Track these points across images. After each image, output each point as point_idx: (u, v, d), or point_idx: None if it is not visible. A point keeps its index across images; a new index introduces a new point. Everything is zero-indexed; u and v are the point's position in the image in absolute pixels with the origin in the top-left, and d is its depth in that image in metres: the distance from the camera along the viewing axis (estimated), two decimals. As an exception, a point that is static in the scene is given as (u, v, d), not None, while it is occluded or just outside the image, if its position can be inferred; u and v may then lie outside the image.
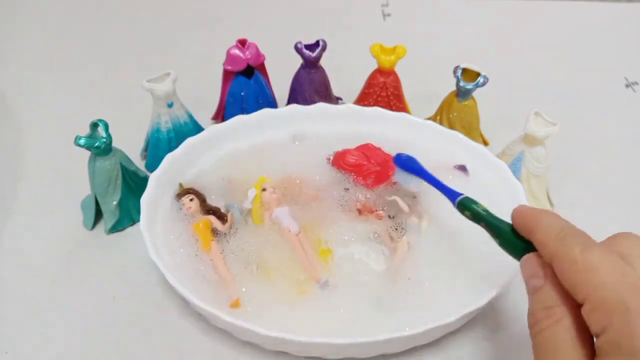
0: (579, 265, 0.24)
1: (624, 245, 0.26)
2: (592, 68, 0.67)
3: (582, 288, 0.24)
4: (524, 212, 0.29)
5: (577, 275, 0.24)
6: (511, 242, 0.30)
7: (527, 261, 0.28)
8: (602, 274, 0.23)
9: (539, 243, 0.27)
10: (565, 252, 0.25)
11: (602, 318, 0.23)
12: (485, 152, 0.45)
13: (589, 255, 0.24)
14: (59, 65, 0.65)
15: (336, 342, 0.32)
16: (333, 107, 0.49)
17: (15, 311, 0.40)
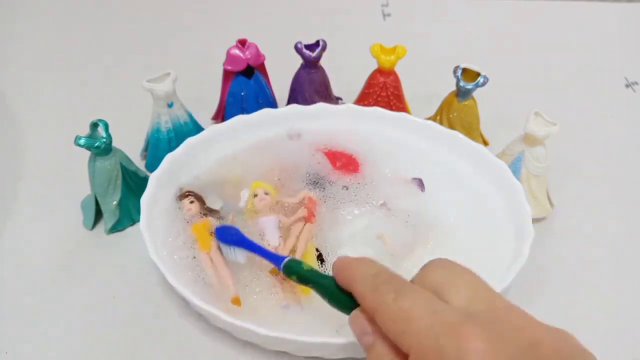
0: (395, 315, 0.24)
1: (434, 275, 0.26)
2: (592, 68, 0.66)
3: (403, 339, 0.23)
4: (341, 263, 0.29)
5: (396, 326, 0.24)
6: (338, 298, 0.29)
7: (353, 319, 0.27)
8: (417, 320, 0.23)
9: (358, 296, 0.27)
10: (380, 302, 0.25)
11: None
12: (485, 152, 0.45)
13: (402, 302, 0.24)
14: (59, 65, 0.65)
15: (336, 342, 0.32)
16: (333, 107, 0.49)
17: (15, 311, 0.40)
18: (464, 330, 0.22)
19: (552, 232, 0.46)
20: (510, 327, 0.23)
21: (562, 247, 0.45)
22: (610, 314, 0.40)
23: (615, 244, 0.45)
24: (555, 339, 0.23)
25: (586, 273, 0.43)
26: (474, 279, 0.26)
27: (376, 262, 0.28)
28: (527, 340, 0.22)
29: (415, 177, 0.44)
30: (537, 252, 0.38)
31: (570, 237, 0.46)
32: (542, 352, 0.22)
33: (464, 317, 0.23)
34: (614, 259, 0.44)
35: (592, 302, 0.41)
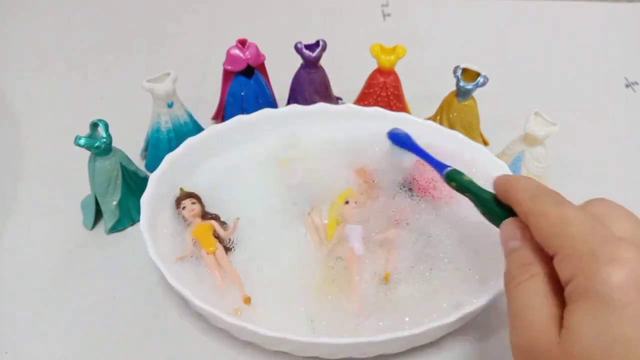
0: (551, 219, 0.25)
1: (596, 206, 0.27)
2: (592, 68, 0.67)
3: (554, 240, 0.25)
4: (503, 178, 0.30)
5: (550, 229, 0.25)
6: (493, 209, 0.31)
7: (505, 225, 0.29)
8: (573, 227, 0.24)
9: (515, 202, 0.28)
10: (539, 208, 0.26)
11: (570, 266, 0.23)
12: (485, 152, 0.45)
13: (561, 210, 0.25)
14: (59, 65, 0.65)
15: (336, 342, 0.32)
16: (333, 107, 0.49)
17: (15, 311, 0.40)
18: (620, 244, 0.23)
19: (552, 232, 0.46)
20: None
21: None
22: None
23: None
24: None
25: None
26: (633, 217, 0.26)
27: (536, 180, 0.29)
28: None
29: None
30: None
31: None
32: None
33: (623, 239, 0.23)
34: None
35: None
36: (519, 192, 0.28)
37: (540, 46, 0.70)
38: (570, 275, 0.23)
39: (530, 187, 0.28)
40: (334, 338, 0.33)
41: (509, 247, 0.28)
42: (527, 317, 0.24)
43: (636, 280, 0.21)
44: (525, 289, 0.25)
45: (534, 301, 0.24)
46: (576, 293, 0.23)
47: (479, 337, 0.38)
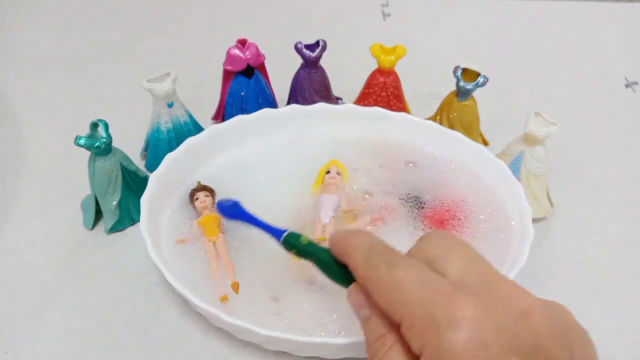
0: (387, 285, 0.24)
1: (430, 247, 0.26)
2: (592, 68, 0.67)
3: (395, 308, 0.23)
4: (336, 236, 0.29)
5: (388, 296, 0.24)
6: (335, 272, 0.29)
7: (351, 292, 0.27)
8: (409, 289, 0.23)
9: (352, 268, 0.27)
10: (373, 274, 0.25)
11: (417, 337, 0.22)
12: (485, 152, 0.45)
13: (394, 272, 0.24)
14: (59, 65, 0.65)
15: (336, 342, 0.32)
16: (333, 107, 0.49)
17: (15, 311, 0.40)
18: (455, 299, 0.22)
19: (552, 232, 0.46)
20: (502, 296, 0.23)
21: (562, 247, 0.45)
22: (611, 314, 0.40)
23: (615, 244, 0.45)
24: (548, 310, 0.23)
25: (586, 273, 0.43)
26: (468, 251, 0.26)
27: (372, 234, 0.28)
28: (519, 309, 0.22)
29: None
30: (537, 252, 0.37)
31: (570, 237, 0.46)
32: (533, 321, 0.22)
33: (456, 287, 0.23)
34: (614, 259, 0.44)
35: (592, 301, 0.41)
36: (352, 254, 0.27)
37: (541, 46, 0.70)
38: (419, 347, 0.22)
39: (363, 250, 0.26)
40: (334, 338, 0.33)
41: (361, 316, 0.26)
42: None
43: (478, 338, 0.21)
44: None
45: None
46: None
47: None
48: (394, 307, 0.24)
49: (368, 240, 0.27)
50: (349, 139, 0.48)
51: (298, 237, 0.32)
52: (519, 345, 0.21)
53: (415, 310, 0.23)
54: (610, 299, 0.41)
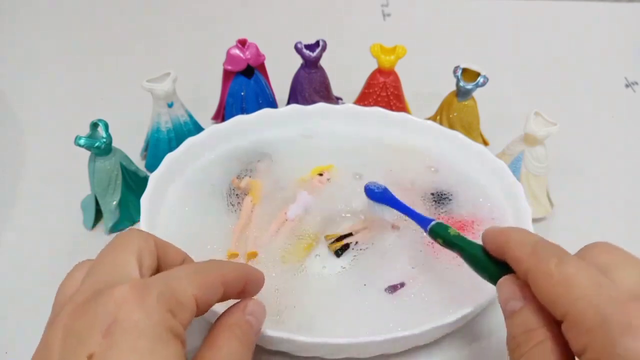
0: (555, 279, 0.23)
1: (599, 255, 0.25)
2: (592, 68, 0.67)
3: (560, 303, 0.23)
4: (494, 231, 0.28)
5: (554, 289, 0.23)
6: (485, 265, 0.29)
7: (503, 283, 0.27)
8: (580, 287, 0.22)
9: (512, 260, 0.26)
10: (540, 266, 0.24)
11: (582, 336, 0.22)
12: (485, 152, 0.45)
13: (565, 267, 0.23)
14: (59, 65, 0.65)
15: (336, 342, 0.32)
16: (333, 107, 0.49)
17: (15, 311, 0.40)
18: (631, 306, 0.21)
19: (552, 232, 0.46)
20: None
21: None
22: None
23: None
24: None
25: (586, 273, 0.43)
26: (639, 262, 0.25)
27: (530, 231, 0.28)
28: None
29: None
30: (537, 252, 0.37)
31: (570, 237, 0.45)
32: None
33: (633, 296, 0.22)
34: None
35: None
36: (515, 247, 0.26)
37: (540, 46, 0.70)
38: (582, 347, 0.22)
39: (528, 242, 0.26)
40: (334, 338, 0.32)
41: (509, 308, 0.26)
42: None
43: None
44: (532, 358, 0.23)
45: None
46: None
47: (479, 337, 0.38)
48: (559, 302, 0.23)
49: (531, 235, 0.27)
50: (349, 140, 0.48)
51: (447, 228, 0.32)
52: None
53: (585, 308, 0.22)
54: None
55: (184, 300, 0.24)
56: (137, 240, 0.27)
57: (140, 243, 0.27)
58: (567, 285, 0.23)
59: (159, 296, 0.23)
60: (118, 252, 0.26)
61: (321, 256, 0.40)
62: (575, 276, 0.23)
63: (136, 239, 0.27)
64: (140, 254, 0.26)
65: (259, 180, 0.44)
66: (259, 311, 0.30)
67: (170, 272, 0.26)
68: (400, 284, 0.37)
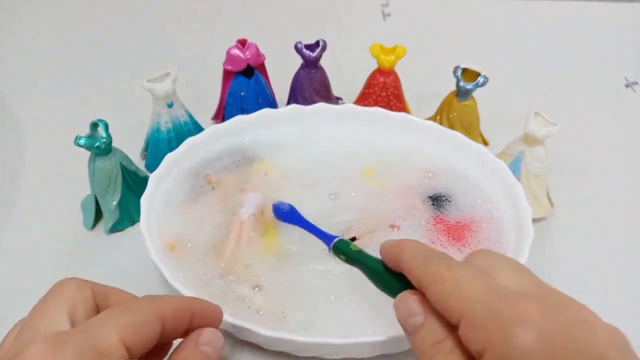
0: (447, 283, 0.24)
1: (480, 260, 0.26)
2: (592, 68, 0.67)
3: (455, 306, 0.23)
4: (388, 243, 0.29)
5: (447, 294, 0.24)
6: (384, 279, 0.29)
7: (401, 300, 0.27)
8: (470, 288, 0.23)
9: (407, 270, 0.27)
10: (432, 272, 0.25)
11: (479, 335, 0.22)
12: (485, 152, 0.45)
13: (454, 271, 0.24)
14: (59, 65, 0.65)
15: (336, 342, 0.32)
16: (333, 107, 0.49)
17: (15, 311, 0.39)
18: (520, 300, 0.22)
19: (552, 232, 0.46)
20: (562, 306, 0.23)
21: (562, 247, 0.45)
22: (611, 314, 0.40)
23: (615, 244, 0.45)
24: (608, 325, 0.23)
25: (586, 273, 0.43)
26: (519, 265, 0.26)
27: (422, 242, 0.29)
28: (581, 317, 0.22)
29: None
30: (537, 252, 0.37)
31: (570, 237, 0.46)
32: (595, 329, 0.22)
33: (517, 293, 0.23)
34: (614, 259, 0.44)
35: (592, 302, 0.40)
36: (408, 257, 0.27)
37: (541, 46, 0.70)
38: (481, 346, 0.22)
39: (421, 251, 0.27)
40: (334, 338, 0.33)
41: (410, 324, 0.26)
42: None
43: (548, 339, 0.21)
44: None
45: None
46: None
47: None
48: (454, 305, 0.23)
49: (423, 245, 0.28)
50: (349, 140, 0.48)
51: (348, 245, 0.33)
52: (586, 352, 0.21)
53: (479, 307, 0.22)
54: (611, 299, 0.41)
55: (106, 349, 0.23)
56: (69, 291, 0.27)
57: (73, 292, 0.26)
58: (458, 288, 0.23)
59: (75, 350, 0.23)
60: (47, 306, 0.26)
61: (324, 254, 0.40)
62: (465, 278, 0.24)
63: (68, 289, 0.27)
64: (73, 304, 0.26)
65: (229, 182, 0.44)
66: (215, 339, 0.28)
67: (93, 320, 0.25)
68: None
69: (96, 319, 0.25)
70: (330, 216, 0.42)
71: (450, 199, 0.44)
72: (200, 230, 0.41)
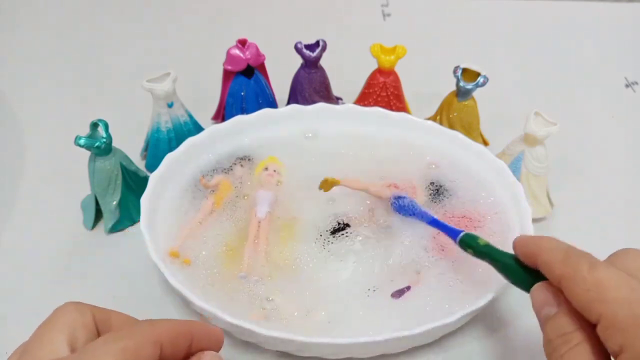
0: (589, 284, 0.24)
1: (626, 260, 0.26)
2: (592, 68, 0.67)
3: (594, 306, 0.24)
4: (525, 239, 0.29)
5: (588, 294, 0.24)
6: (518, 274, 0.30)
7: (537, 290, 0.28)
8: (613, 290, 0.24)
9: (545, 267, 0.27)
10: (572, 271, 0.25)
11: (618, 336, 0.23)
12: (485, 152, 0.45)
13: (597, 272, 0.24)
14: (59, 65, 0.65)
15: (336, 342, 0.32)
16: (333, 107, 0.49)
17: (15, 311, 0.40)
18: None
19: (552, 232, 0.46)
20: None
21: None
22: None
23: (615, 244, 0.45)
24: None
25: (586, 273, 0.43)
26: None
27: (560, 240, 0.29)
28: None
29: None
30: (537, 252, 0.37)
31: (570, 237, 0.45)
32: None
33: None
34: (614, 259, 0.44)
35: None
36: (547, 254, 0.27)
37: (541, 46, 0.70)
38: (618, 347, 0.23)
39: (560, 249, 0.27)
40: (334, 338, 0.33)
41: (543, 314, 0.27)
42: None
43: None
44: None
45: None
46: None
47: (480, 337, 0.38)
48: (593, 306, 0.24)
49: (562, 243, 0.28)
50: (349, 140, 0.48)
51: (476, 239, 0.33)
52: None
53: (619, 309, 0.23)
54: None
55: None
56: (69, 316, 0.26)
57: (73, 318, 0.26)
58: (600, 289, 0.24)
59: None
60: (46, 331, 0.26)
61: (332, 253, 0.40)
62: (607, 280, 0.24)
63: (68, 314, 0.26)
64: (73, 330, 0.26)
65: (229, 182, 0.44)
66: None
67: (90, 345, 0.25)
68: (406, 288, 0.37)
69: (93, 345, 0.25)
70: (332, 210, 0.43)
71: (452, 192, 0.43)
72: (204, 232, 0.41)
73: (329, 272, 0.39)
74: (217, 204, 0.42)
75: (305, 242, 0.40)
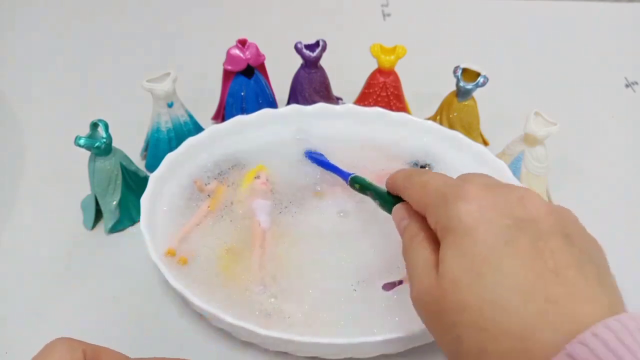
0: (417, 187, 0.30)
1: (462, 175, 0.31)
2: (592, 68, 0.67)
3: (422, 201, 0.29)
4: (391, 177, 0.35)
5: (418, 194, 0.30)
6: (387, 200, 0.35)
7: (396, 209, 0.33)
8: (430, 184, 0.29)
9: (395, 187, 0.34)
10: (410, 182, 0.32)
11: (433, 214, 0.28)
12: (485, 152, 0.45)
13: (423, 177, 0.31)
14: (59, 65, 0.65)
15: (336, 342, 0.32)
16: (333, 107, 0.49)
17: (15, 311, 0.40)
18: (464, 185, 0.27)
19: (552, 232, 0.46)
20: (505, 188, 0.27)
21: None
22: (610, 314, 0.40)
23: (615, 244, 0.45)
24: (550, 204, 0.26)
25: (586, 273, 0.43)
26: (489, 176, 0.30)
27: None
28: (517, 195, 0.26)
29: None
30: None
31: (570, 237, 0.46)
32: (528, 205, 0.25)
33: (465, 181, 0.28)
34: (614, 259, 0.44)
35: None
36: (398, 178, 0.33)
37: (541, 46, 0.70)
38: (435, 222, 0.27)
39: (405, 172, 0.33)
40: (334, 338, 0.33)
41: (401, 226, 0.31)
42: (417, 271, 0.28)
43: (481, 209, 0.25)
44: (414, 251, 0.29)
45: (420, 257, 0.28)
46: (441, 234, 0.27)
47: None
48: (421, 201, 0.29)
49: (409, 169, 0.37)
50: (349, 140, 0.48)
51: (363, 178, 0.40)
52: (512, 213, 0.25)
53: (434, 195, 0.28)
54: (610, 299, 0.41)
55: None
56: (60, 354, 0.26)
57: (63, 355, 0.26)
58: (424, 187, 0.30)
59: None
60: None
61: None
62: (429, 179, 0.30)
63: (59, 352, 0.26)
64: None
65: (224, 187, 0.44)
66: None
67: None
68: (398, 282, 0.37)
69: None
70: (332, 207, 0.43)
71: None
72: (203, 233, 0.41)
73: (331, 271, 0.39)
74: (211, 207, 0.42)
75: (306, 243, 0.40)
